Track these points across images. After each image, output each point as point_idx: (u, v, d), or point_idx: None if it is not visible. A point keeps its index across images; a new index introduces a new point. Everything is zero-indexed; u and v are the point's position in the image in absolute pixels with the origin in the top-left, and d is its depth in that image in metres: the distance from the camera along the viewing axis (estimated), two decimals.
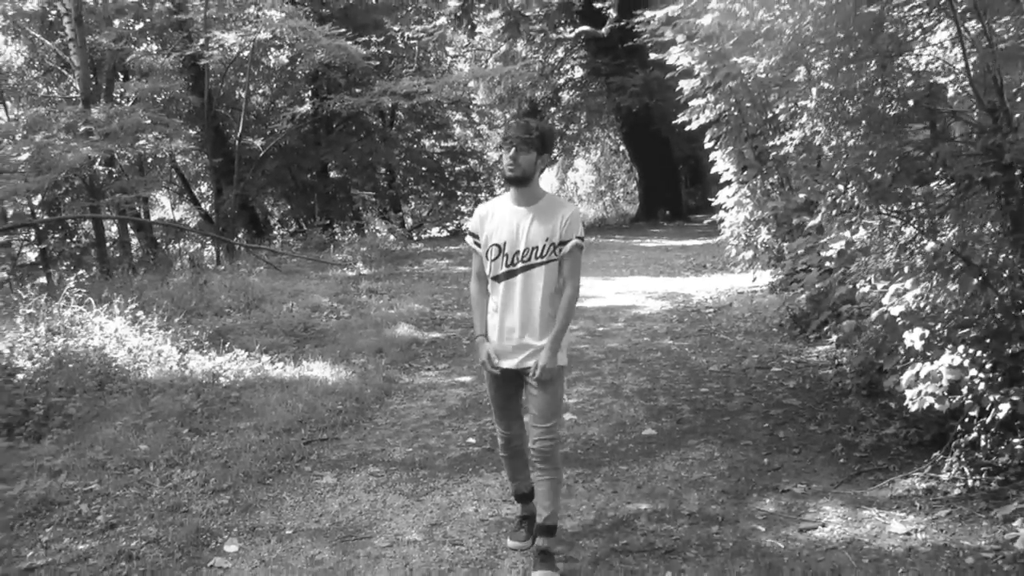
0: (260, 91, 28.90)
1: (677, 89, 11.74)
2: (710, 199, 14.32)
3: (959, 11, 6.15)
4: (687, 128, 12.31)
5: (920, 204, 6.63)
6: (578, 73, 36.28)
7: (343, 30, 21.23)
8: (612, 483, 6.73)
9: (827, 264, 8.56)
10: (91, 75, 20.73)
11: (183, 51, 22.81)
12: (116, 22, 22.70)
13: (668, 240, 24.92)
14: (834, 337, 8.87)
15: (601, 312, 13.77)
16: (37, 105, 24.70)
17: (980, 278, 6.31)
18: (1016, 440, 6.05)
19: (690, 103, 11.77)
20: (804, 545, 5.48)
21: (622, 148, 41.76)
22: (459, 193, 35.18)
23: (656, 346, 11.24)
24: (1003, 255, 6.51)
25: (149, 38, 25.42)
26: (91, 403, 8.68)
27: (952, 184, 6.55)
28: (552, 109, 38.14)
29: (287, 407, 8.82)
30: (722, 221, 13.44)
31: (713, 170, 13.13)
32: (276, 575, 5.43)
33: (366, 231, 26.05)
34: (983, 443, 6.16)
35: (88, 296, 11.49)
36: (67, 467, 7.11)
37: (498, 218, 5.29)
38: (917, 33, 6.77)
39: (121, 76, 24.15)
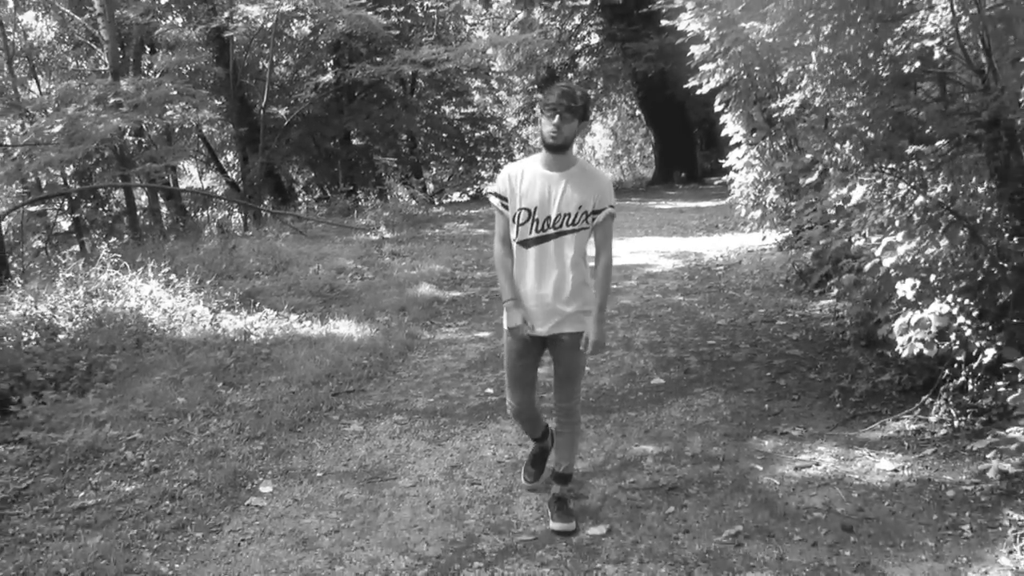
0: (283, 61, 29.18)
1: (688, 55, 12.03)
2: (721, 161, 14.63)
3: None
4: (698, 92, 12.58)
5: (911, 162, 6.98)
6: (594, 39, 36.47)
7: (363, 0, 21.50)
8: (621, 428, 7.17)
9: (830, 221, 8.95)
10: (119, 48, 21.10)
11: (208, 24, 23.16)
12: None
13: (682, 202, 25.25)
14: (835, 291, 9.25)
15: (615, 271, 14.01)
16: (67, 79, 25.16)
17: (969, 231, 6.69)
18: (1000, 383, 6.42)
19: (700, 68, 12.03)
20: (798, 482, 5.91)
21: (638, 113, 41.93)
22: (479, 159, 35.37)
23: (667, 302, 11.65)
24: (991, 209, 6.88)
25: (175, 11, 25.73)
26: (130, 360, 9.16)
27: (943, 142, 6.90)
28: (569, 75, 38.39)
29: (315, 362, 9.30)
30: (732, 182, 13.75)
31: (723, 133, 13.42)
32: (308, 512, 5.90)
33: (388, 197, 26.44)
34: (970, 387, 6.55)
35: (123, 261, 11.96)
36: (111, 418, 7.58)
37: (527, 181, 5.21)
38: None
39: (148, 49, 24.51)
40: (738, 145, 13.08)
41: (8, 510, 6.00)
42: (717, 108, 12.57)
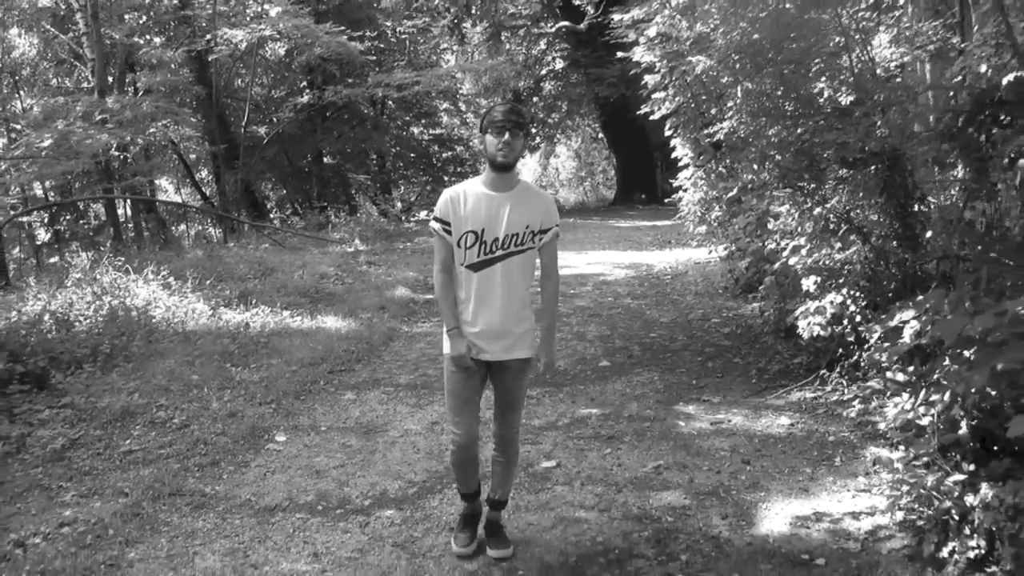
0: (258, 82, 30.36)
1: (642, 83, 13.32)
2: (671, 181, 15.96)
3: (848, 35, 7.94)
4: (650, 118, 13.91)
5: (811, 182, 8.41)
6: (559, 65, 37.90)
7: (342, 27, 22.81)
8: (572, 397, 8.60)
9: (755, 232, 10.40)
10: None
11: (190, 45, 24.31)
12: (127, 17, 24.26)
13: (641, 221, 26.82)
14: (761, 292, 10.67)
15: (573, 279, 15.63)
16: (49, 95, 26.24)
17: (861, 237, 8.13)
18: (896, 367, 7.85)
19: (653, 96, 13.30)
20: (712, 432, 7.34)
21: (601, 136, 43.40)
22: (446, 178, 36.28)
23: (618, 304, 13.11)
24: (879, 218, 8.32)
25: (155, 31, 26.78)
26: (145, 346, 10.50)
27: (838, 165, 8.32)
28: (535, 98, 39.83)
29: (309, 348, 10.71)
30: (681, 200, 15.11)
31: (673, 155, 14.74)
32: (318, 453, 7.31)
33: (359, 213, 27.70)
34: (861, 363, 7.96)
35: (126, 263, 13.33)
36: (138, 390, 8.94)
37: (471, 203, 5.06)
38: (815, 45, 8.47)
39: (131, 68, 25.55)
40: (687, 166, 14.38)
41: (67, 454, 7.37)
42: (667, 133, 13.86)
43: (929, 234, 7.34)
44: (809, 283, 8.22)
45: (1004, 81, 5.20)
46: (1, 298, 12.15)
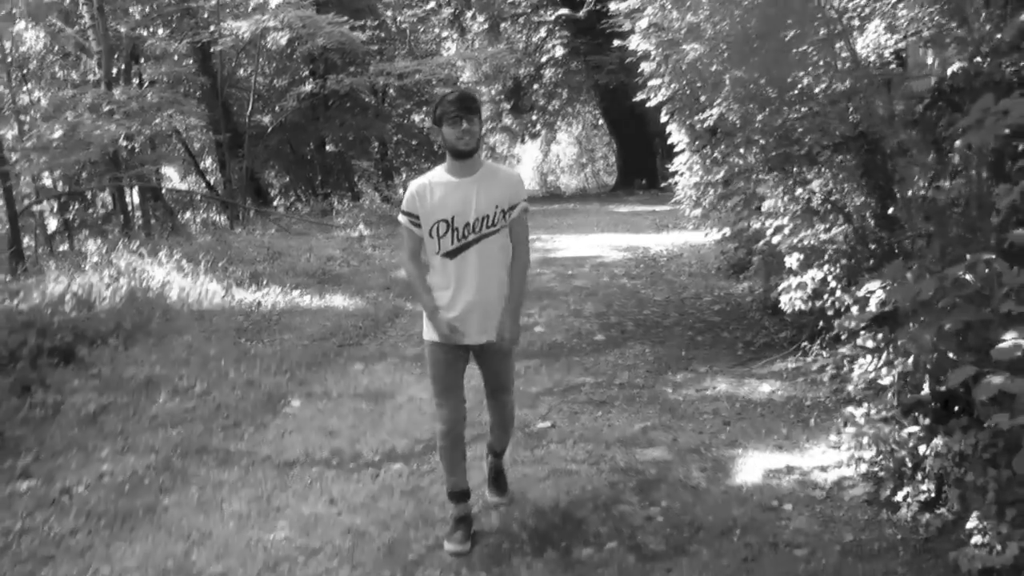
0: (261, 71, 30.73)
1: (639, 71, 13.73)
2: (667, 166, 16.42)
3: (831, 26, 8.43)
4: (647, 105, 14.33)
5: (792, 164, 8.91)
6: (559, 52, 38.22)
7: (344, 18, 23.25)
8: (567, 367, 9.13)
9: (743, 213, 10.90)
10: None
11: (194, 37, 24.75)
12: (132, 9, 24.72)
13: (640, 206, 27.32)
14: (751, 270, 11.18)
15: (571, 260, 16.17)
16: (56, 88, 26.74)
17: (842, 216, 8.64)
18: (865, 334, 8.37)
19: (649, 83, 13.71)
20: (697, 398, 7.88)
21: (601, 122, 43.74)
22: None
23: (614, 284, 13.66)
24: (858, 199, 8.83)
25: (159, 23, 27.22)
26: (163, 323, 11.06)
27: (820, 148, 8.82)
28: (535, 86, 40.27)
29: (319, 325, 11.29)
30: (677, 184, 15.58)
31: (669, 141, 15.18)
32: (331, 416, 7.89)
33: (362, 199, 28.21)
34: (841, 336, 8.47)
35: (140, 248, 13.91)
36: (159, 362, 9.52)
37: (439, 193, 5.09)
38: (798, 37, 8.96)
39: (136, 60, 26.02)
40: (682, 152, 14.83)
41: (99, 418, 7.94)
42: (663, 119, 14.30)
43: (895, 212, 7.79)
44: (792, 261, 8.73)
45: (949, 72, 5.70)
46: (21, 282, 12.66)
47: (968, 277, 4.37)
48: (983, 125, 3.77)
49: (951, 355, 5.05)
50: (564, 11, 32.55)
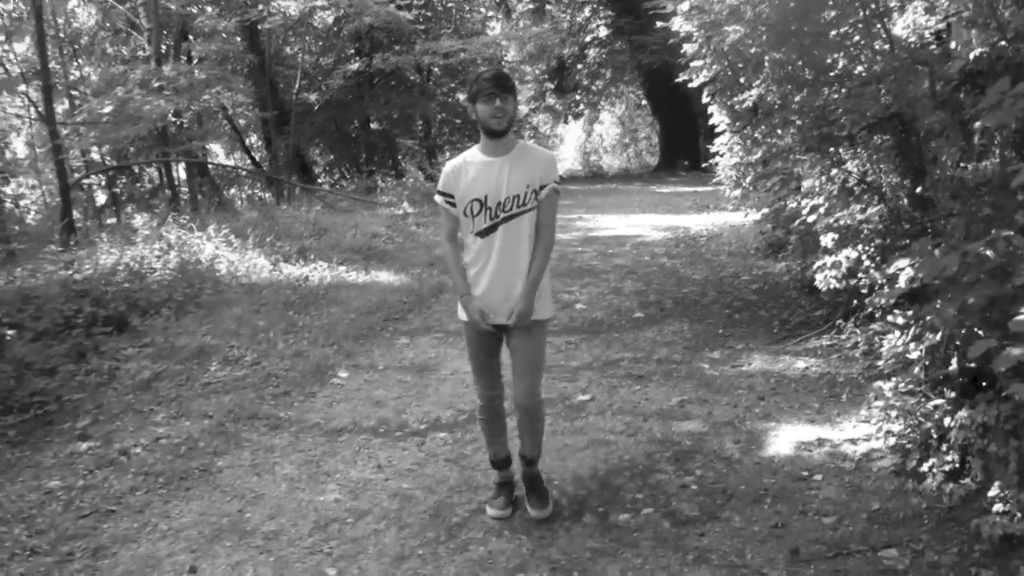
0: (307, 49, 31.01)
1: (682, 52, 13.89)
2: (708, 146, 16.57)
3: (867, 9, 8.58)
4: (689, 86, 14.48)
5: (828, 144, 9.07)
6: (603, 32, 38.34)
7: None
8: (607, 343, 9.35)
9: (781, 192, 11.06)
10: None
11: (243, 15, 25.02)
12: None
13: (682, 187, 27.51)
14: (789, 250, 11.35)
15: (612, 239, 16.41)
16: (105, 63, 27.15)
17: (877, 196, 8.80)
18: (898, 312, 8.54)
19: (691, 64, 13.86)
20: (733, 374, 8.08)
21: (644, 102, 43.82)
22: None
23: (654, 263, 13.85)
24: (893, 179, 8.99)
25: (207, 1, 27.48)
26: (213, 296, 11.37)
27: (857, 128, 8.98)
28: (579, 65, 40.40)
29: (365, 299, 11.56)
30: (717, 165, 15.73)
31: (711, 122, 15.33)
32: (377, 387, 8.18)
33: (406, 177, 28.46)
34: (875, 314, 8.64)
35: (190, 222, 14.24)
36: (210, 332, 9.83)
37: (472, 172, 5.14)
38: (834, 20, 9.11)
39: (185, 37, 26.33)
40: (723, 132, 14.98)
41: (154, 384, 8.25)
42: (704, 100, 14.45)
43: (925, 192, 7.93)
44: (827, 240, 8.89)
45: (971, 56, 5.87)
46: (74, 253, 13.00)
47: (989, 253, 4.54)
48: (1001, 107, 3.95)
49: (977, 330, 5.23)
50: None
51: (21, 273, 11.01)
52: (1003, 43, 5.70)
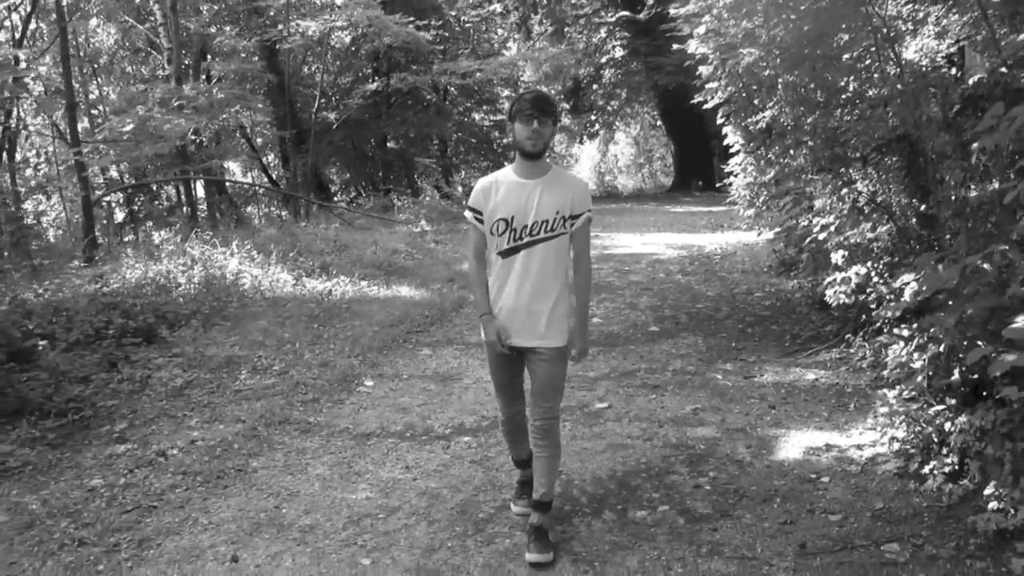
0: (320, 69, 31.35)
1: (697, 73, 14.20)
2: (722, 166, 16.86)
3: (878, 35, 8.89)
4: (704, 107, 14.78)
5: (839, 165, 9.37)
6: (619, 53, 38.64)
7: (411, 19, 23.85)
8: (623, 355, 9.66)
9: (792, 211, 11.35)
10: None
11: (262, 35, 25.38)
12: (203, 8, 25.45)
13: (696, 207, 27.86)
14: (801, 268, 11.64)
15: (628, 257, 16.73)
16: (125, 82, 27.56)
17: (886, 216, 9.09)
18: (903, 325, 8.83)
19: (706, 86, 14.17)
20: (745, 384, 8.38)
21: (659, 123, 44.16)
22: (506, 163, 36.93)
23: (668, 280, 14.17)
24: (901, 199, 9.28)
25: (227, 21, 27.88)
26: (239, 309, 11.71)
27: (868, 149, 9.28)
28: (595, 86, 40.75)
29: (387, 313, 11.91)
30: (731, 185, 16.03)
31: (725, 142, 15.62)
32: (402, 395, 8.51)
33: (422, 196, 28.80)
34: (883, 328, 8.93)
35: (213, 238, 14.60)
36: (237, 344, 10.18)
37: (503, 191, 5.11)
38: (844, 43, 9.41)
39: (205, 57, 26.72)
40: (737, 152, 15.27)
41: (186, 391, 8.59)
42: (719, 121, 14.75)
43: (929, 211, 8.21)
44: (837, 257, 9.20)
45: (970, 81, 6.17)
46: (100, 267, 13.37)
47: (986, 266, 4.85)
48: (998, 129, 4.25)
49: (977, 340, 5.53)
50: (625, 13, 32.93)
51: (49, 287, 11.35)
52: (1003, 69, 6.00)
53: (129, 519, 5.89)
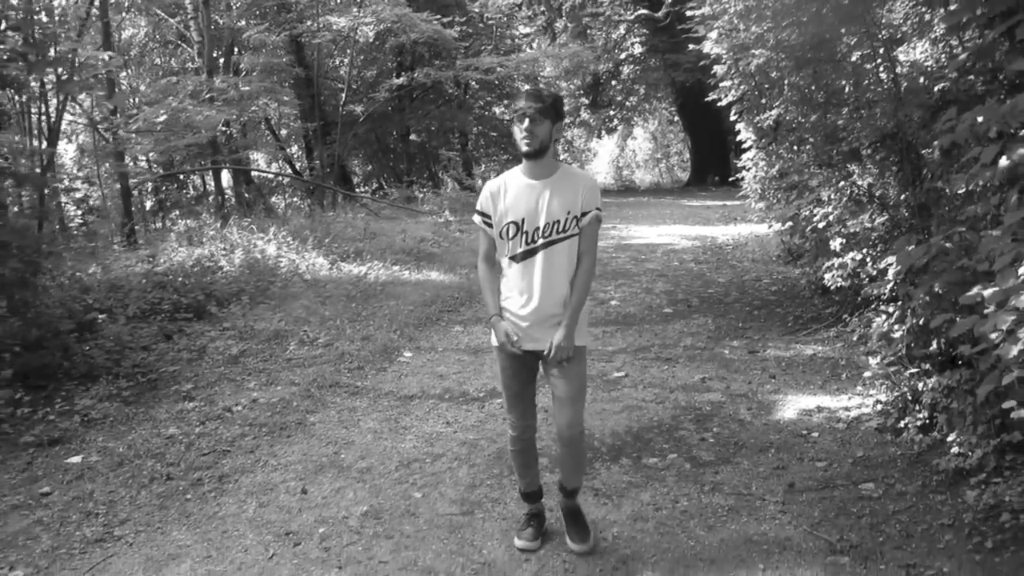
0: (347, 63, 31.95)
1: (712, 72, 14.91)
2: (735, 161, 17.62)
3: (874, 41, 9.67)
4: (718, 104, 15.49)
5: (838, 159, 10.18)
6: (637, 50, 39.31)
7: (438, 16, 24.62)
8: (639, 333, 10.53)
9: (797, 203, 12.16)
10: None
11: (292, 29, 26.07)
12: (234, 4, 26.24)
13: (711, 200, 28.72)
14: (805, 256, 12.46)
15: (644, 247, 17.61)
16: (155, 74, 28.38)
17: (881, 207, 9.89)
18: (888, 308, 9.63)
19: (721, 84, 14.88)
20: (749, 358, 9.25)
21: (676, 119, 44.78)
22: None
23: (682, 268, 15.04)
24: (895, 192, 10.08)
25: (256, 15, 28.49)
26: (281, 289, 12.60)
27: (863, 144, 10.07)
28: (613, 82, 41.48)
29: (419, 294, 12.82)
30: (743, 179, 16.77)
31: (739, 138, 16.32)
32: (439, 364, 9.43)
33: (442, 188, 29.59)
34: (872, 304, 9.73)
35: (251, 224, 15.51)
36: (283, 319, 11.07)
37: (512, 194, 4.94)
38: (844, 49, 10.20)
39: (235, 50, 27.48)
40: (749, 148, 16.00)
41: (241, 360, 9.49)
42: (732, 118, 15.48)
43: (914, 202, 8.99)
44: (835, 244, 10.01)
45: (936, 89, 6.97)
46: (147, 250, 14.28)
47: (948, 245, 5.70)
48: (953, 131, 5.07)
49: (945, 312, 6.37)
50: (643, 11, 33.55)
51: (98, 267, 12.22)
52: (971, 76, 6.81)
53: (207, 460, 6.80)
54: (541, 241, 4.88)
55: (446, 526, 5.63)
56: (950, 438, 5.96)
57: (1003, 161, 4.51)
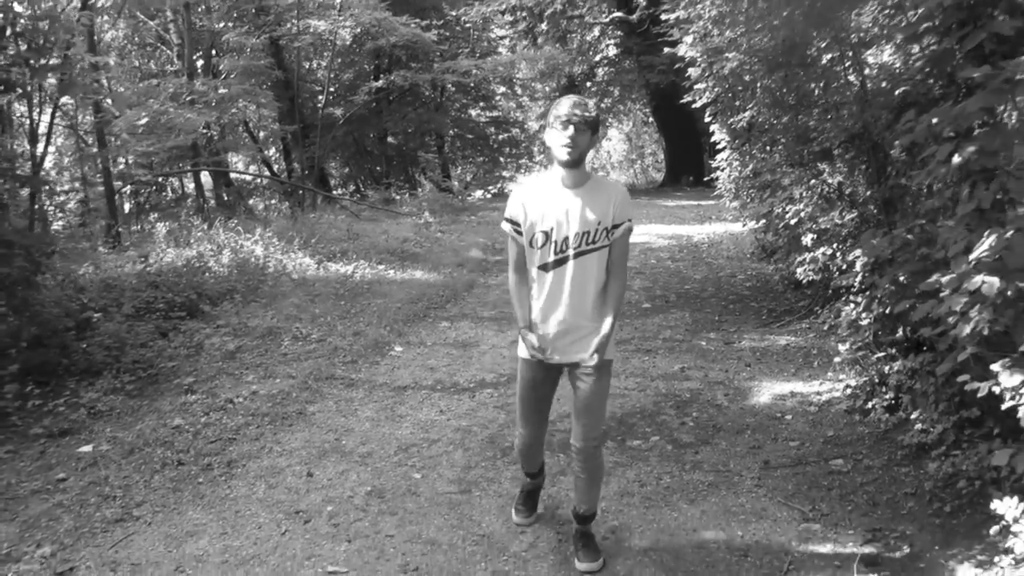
0: (326, 66, 32.22)
1: (686, 75, 15.27)
2: (710, 162, 17.99)
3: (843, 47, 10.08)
4: (693, 106, 15.83)
5: (809, 159, 10.61)
6: (612, 52, 39.62)
7: (416, 20, 24.95)
8: (619, 327, 10.39)
9: (770, 201, 12.58)
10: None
11: (272, 32, 26.23)
12: (214, 5, 26.44)
13: (686, 200, 29.11)
14: (778, 252, 12.89)
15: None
16: (133, 77, 28.51)
17: (850, 204, 10.32)
18: (856, 298, 10.05)
19: (695, 86, 15.23)
20: (725, 349, 9.68)
21: (651, 120, 45.07)
22: (502, 159, 38.69)
23: (659, 266, 15.46)
24: (863, 189, 10.51)
25: (235, 18, 28.59)
26: (271, 288, 12.96)
27: (834, 146, 10.49)
28: (588, 84, 41.80)
29: (405, 292, 13.20)
30: (718, 179, 17.16)
31: (713, 139, 16.68)
32: (429, 358, 9.82)
33: (420, 190, 29.85)
34: (842, 296, 10.16)
35: (238, 226, 15.86)
36: (275, 317, 11.43)
37: (543, 203, 4.83)
38: (814, 53, 10.61)
39: (214, 53, 27.75)
40: (723, 149, 16.38)
41: (237, 355, 9.85)
42: (707, 119, 15.86)
43: (880, 198, 9.41)
44: (807, 240, 10.43)
45: (896, 92, 7.38)
46: (135, 251, 14.59)
47: (909, 237, 6.14)
48: (912, 132, 5.50)
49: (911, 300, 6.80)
50: (618, 14, 33.89)
51: (87, 267, 12.50)
52: (931, 80, 7.23)
53: (215, 447, 7.18)
54: (571, 251, 4.78)
55: (446, 503, 6.04)
56: (914, 416, 6.40)
57: (956, 159, 4.97)
